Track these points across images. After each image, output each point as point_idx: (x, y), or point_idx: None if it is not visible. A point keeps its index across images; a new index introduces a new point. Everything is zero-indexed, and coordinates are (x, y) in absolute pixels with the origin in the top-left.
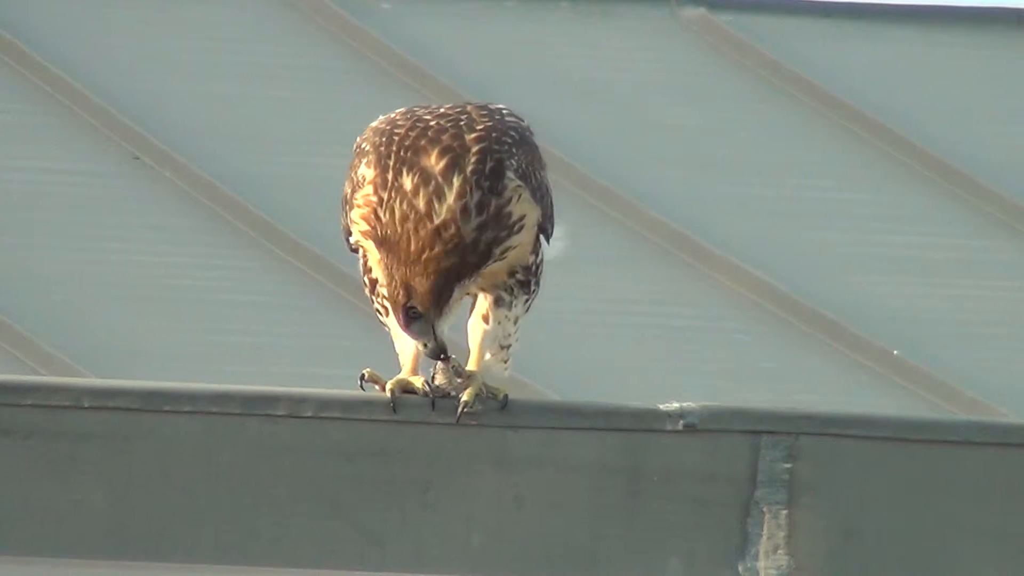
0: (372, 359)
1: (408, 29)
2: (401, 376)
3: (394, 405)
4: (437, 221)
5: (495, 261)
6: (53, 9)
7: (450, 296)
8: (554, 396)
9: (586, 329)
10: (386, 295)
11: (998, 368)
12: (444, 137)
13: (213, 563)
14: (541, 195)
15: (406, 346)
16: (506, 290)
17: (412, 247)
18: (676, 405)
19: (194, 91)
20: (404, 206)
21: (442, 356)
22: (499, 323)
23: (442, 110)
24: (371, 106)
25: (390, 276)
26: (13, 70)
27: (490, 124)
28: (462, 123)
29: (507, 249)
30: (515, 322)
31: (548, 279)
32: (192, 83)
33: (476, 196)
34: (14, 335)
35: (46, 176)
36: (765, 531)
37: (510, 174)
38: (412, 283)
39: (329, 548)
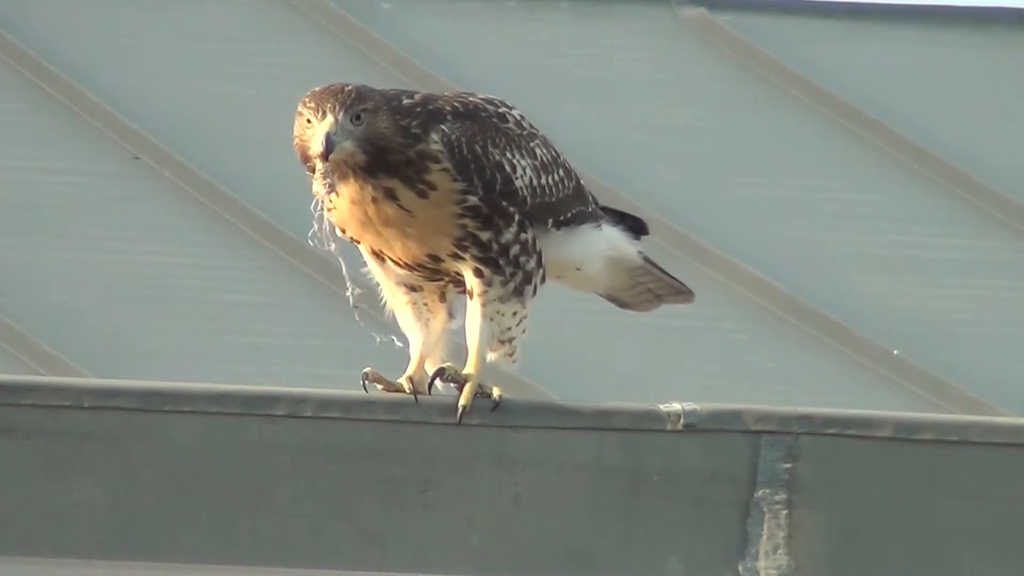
0: (372, 359)
1: (408, 29)
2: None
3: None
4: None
5: (400, 193)
6: (53, 9)
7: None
8: (554, 396)
9: (586, 329)
10: None
11: (998, 368)
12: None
13: (213, 563)
14: (489, 171)
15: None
16: (475, 271)
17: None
18: (676, 405)
19: (194, 91)
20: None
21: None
22: (491, 319)
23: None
24: None
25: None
26: (13, 70)
27: (446, 96)
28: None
29: (410, 198)
30: (513, 315)
31: (549, 279)
32: (192, 83)
33: (407, 122)
34: (14, 335)
35: (46, 176)
36: (765, 531)
37: (435, 136)
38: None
39: (329, 548)
